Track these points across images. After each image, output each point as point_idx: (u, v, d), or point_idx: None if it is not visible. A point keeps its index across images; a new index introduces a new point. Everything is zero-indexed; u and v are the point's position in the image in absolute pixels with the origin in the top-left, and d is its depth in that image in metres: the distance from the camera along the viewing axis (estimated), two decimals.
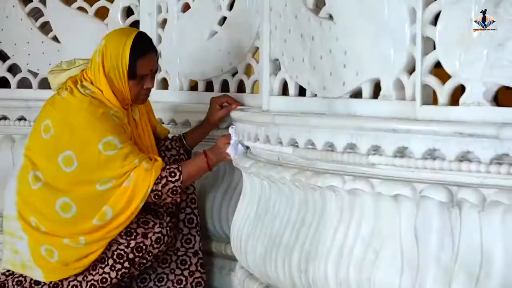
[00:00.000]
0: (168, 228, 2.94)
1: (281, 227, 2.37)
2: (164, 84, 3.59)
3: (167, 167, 2.91)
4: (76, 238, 2.87)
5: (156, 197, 2.89)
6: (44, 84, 3.83)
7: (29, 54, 3.99)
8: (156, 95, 3.25)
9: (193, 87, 3.53)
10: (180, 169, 2.91)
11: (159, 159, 2.92)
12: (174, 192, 2.90)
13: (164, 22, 3.57)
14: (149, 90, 2.98)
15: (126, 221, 2.87)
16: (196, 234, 3.11)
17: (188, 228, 3.11)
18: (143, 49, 2.92)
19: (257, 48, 3.12)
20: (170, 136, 3.23)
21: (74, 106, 2.88)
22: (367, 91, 2.18)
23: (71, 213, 2.87)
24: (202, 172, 2.99)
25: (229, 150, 2.83)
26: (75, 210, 2.87)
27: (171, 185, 2.89)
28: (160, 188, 2.88)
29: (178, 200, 2.97)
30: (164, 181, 2.88)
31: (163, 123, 3.36)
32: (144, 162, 2.86)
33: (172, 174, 2.89)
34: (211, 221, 3.29)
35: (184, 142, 3.17)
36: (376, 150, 2.05)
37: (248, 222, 2.57)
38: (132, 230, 2.90)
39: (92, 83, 2.93)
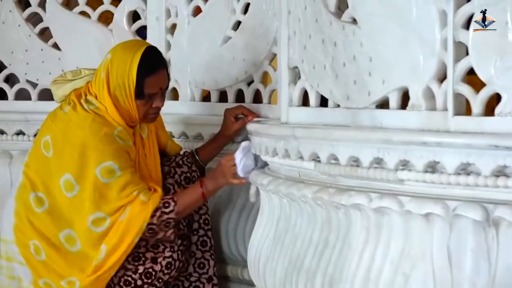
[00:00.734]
0: (179, 252, 2.95)
1: (303, 248, 2.37)
2: (174, 95, 3.60)
3: (162, 197, 2.88)
4: (72, 283, 2.87)
5: (150, 231, 2.86)
6: (44, 95, 3.86)
7: (27, 63, 3.99)
8: (165, 107, 3.19)
9: (206, 97, 3.54)
10: (175, 199, 2.88)
11: (159, 189, 2.90)
12: (167, 224, 2.87)
13: (173, 27, 3.58)
14: (158, 109, 2.96)
15: (120, 260, 2.85)
16: (210, 258, 3.11)
17: (201, 251, 3.11)
18: (151, 66, 2.89)
19: (275, 55, 3.12)
20: (181, 151, 3.23)
21: (76, 123, 2.88)
22: (394, 100, 2.18)
23: (76, 247, 2.89)
24: (199, 203, 2.98)
25: (241, 170, 2.84)
26: (80, 246, 2.88)
27: (165, 216, 2.86)
28: (155, 221, 2.85)
29: (171, 237, 2.91)
30: (158, 213, 2.86)
31: (173, 137, 3.36)
32: (141, 194, 2.84)
33: (166, 205, 2.87)
34: (226, 243, 3.31)
35: (197, 157, 3.17)
36: (405, 165, 2.06)
37: (266, 244, 2.58)
38: (141, 255, 2.91)
39: (97, 97, 2.92)
